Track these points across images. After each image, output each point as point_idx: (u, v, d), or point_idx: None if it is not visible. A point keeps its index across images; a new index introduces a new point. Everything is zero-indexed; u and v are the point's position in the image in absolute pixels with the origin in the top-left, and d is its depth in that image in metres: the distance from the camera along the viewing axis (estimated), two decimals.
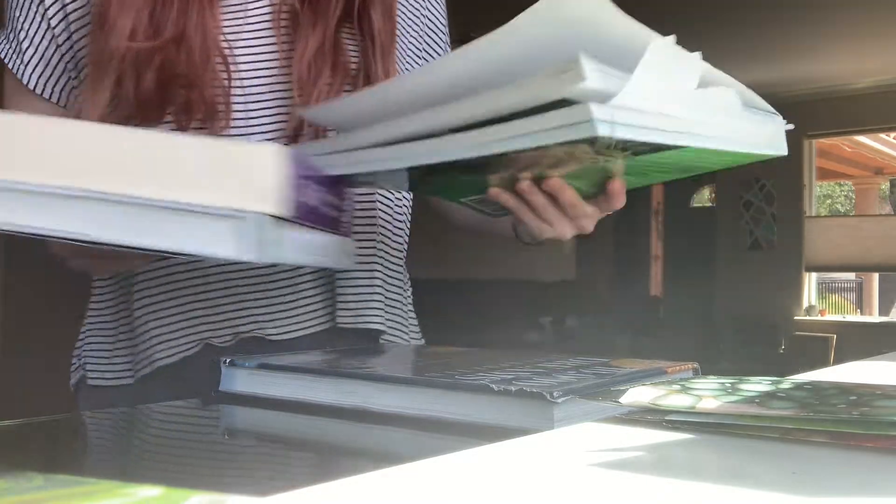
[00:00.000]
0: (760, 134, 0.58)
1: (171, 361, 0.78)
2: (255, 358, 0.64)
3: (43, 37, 0.80)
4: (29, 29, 0.80)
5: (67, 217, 0.49)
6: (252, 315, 0.78)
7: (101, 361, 0.84)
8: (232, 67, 0.78)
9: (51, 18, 0.80)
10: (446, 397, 0.53)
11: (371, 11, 0.82)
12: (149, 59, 0.73)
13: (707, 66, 0.54)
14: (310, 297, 0.80)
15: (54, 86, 0.81)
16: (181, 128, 0.76)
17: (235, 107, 0.78)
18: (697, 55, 0.54)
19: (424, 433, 0.53)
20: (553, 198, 0.63)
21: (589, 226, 0.68)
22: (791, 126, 0.60)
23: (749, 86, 0.56)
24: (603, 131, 0.47)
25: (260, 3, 0.81)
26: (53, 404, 0.83)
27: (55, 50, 0.80)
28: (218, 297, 0.78)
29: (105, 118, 0.73)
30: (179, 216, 0.49)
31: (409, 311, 0.91)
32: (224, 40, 0.78)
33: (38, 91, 0.81)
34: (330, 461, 0.49)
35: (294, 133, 0.79)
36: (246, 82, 0.79)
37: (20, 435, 0.55)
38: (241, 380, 0.63)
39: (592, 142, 0.50)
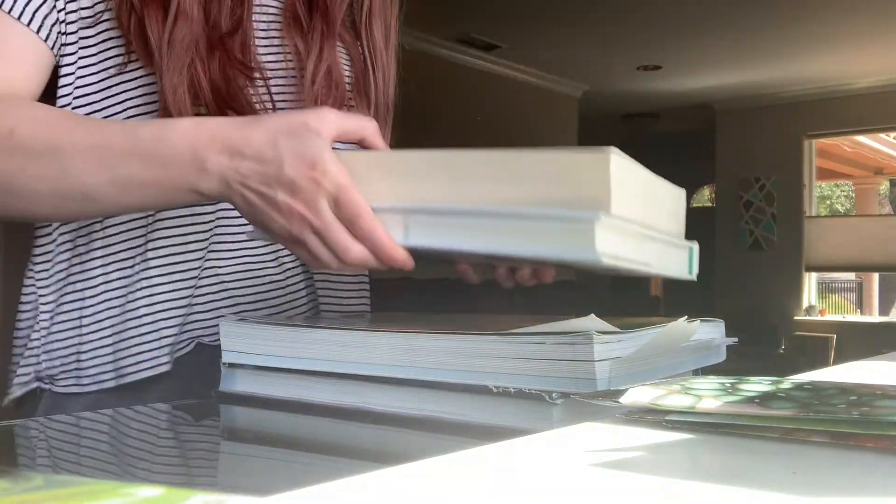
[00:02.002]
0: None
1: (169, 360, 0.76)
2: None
3: None
4: None
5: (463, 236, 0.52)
6: (244, 311, 0.79)
7: (69, 366, 0.75)
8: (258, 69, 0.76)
9: None
10: (446, 397, 0.53)
11: (374, 28, 0.82)
12: (213, 48, 0.71)
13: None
14: (296, 290, 0.82)
15: (52, 24, 0.72)
16: None
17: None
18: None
19: (424, 433, 0.53)
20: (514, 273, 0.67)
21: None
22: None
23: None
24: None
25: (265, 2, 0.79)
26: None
27: None
28: (210, 294, 0.78)
29: (189, 109, 0.69)
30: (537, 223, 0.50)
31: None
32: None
33: (25, 20, 0.70)
34: (330, 461, 0.49)
35: None
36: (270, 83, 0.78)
37: (20, 435, 0.55)
38: (241, 380, 0.63)
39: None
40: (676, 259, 0.60)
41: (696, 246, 0.61)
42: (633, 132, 8.14)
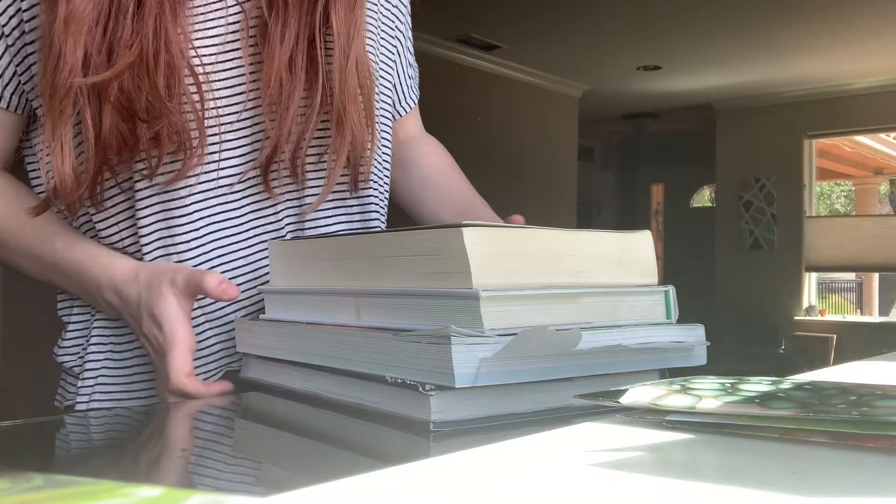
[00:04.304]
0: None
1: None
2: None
3: None
4: None
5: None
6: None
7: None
8: (204, 87, 0.69)
9: (3, 26, 0.71)
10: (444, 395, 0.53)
11: (332, 5, 0.72)
12: (105, 90, 0.64)
13: None
14: None
15: (13, 92, 0.73)
16: (153, 167, 0.69)
17: (210, 133, 0.71)
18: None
19: (424, 433, 0.53)
20: None
21: None
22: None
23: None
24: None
25: (224, 9, 0.72)
26: (53, 404, 0.82)
27: (6, 54, 0.72)
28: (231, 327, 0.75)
29: (76, 168, 0.67)
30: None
31: None
32: (194, 52, 0.69)
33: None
34: (329, 461, 0.49)
35: (266, 163, 0.72)
36: (220, 103, 0.71)
37: (20, 435, 0.55)
38: (254, 367, 0.66)
39: None
40: (646, 306, 0.59)
41: (671, 289, 0.60)
42: (633, 132, 8.14)
